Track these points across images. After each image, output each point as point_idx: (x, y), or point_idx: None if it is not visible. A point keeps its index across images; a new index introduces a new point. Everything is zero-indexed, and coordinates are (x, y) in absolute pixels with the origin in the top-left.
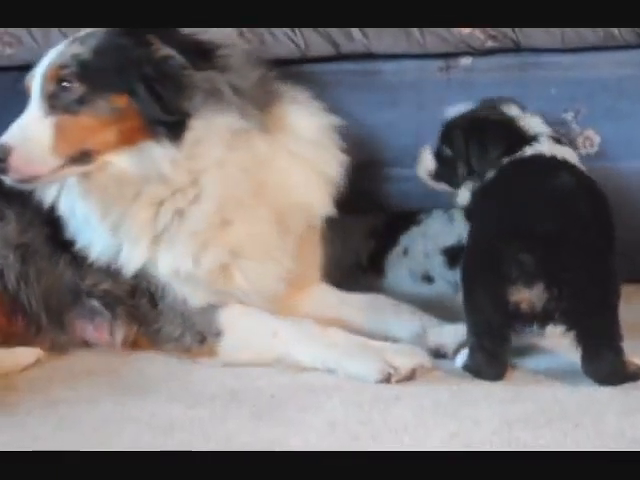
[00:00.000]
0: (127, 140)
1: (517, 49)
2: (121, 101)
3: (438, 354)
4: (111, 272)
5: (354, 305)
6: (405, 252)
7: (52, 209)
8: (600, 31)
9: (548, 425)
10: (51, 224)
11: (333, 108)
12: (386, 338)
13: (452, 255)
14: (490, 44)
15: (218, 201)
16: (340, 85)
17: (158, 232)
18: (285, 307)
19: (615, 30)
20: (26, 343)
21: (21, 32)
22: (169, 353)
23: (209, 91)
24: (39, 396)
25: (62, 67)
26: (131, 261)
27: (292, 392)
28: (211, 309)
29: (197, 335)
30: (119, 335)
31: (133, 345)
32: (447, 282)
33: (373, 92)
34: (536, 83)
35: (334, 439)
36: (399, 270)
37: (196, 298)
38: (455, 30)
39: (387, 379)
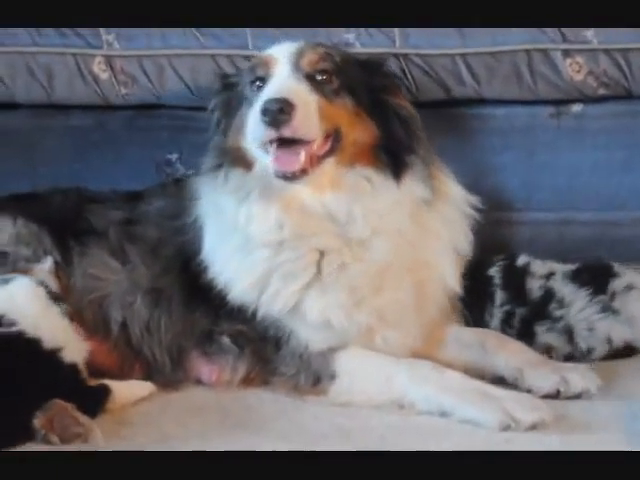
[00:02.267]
0: (356, 153)
1: (629, 96)
2: (363, 110)
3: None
4: (245, 314)
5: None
6: None
7: (191, 258)
8: None
9: None
10: (188, 271)
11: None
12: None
13: None
14: (602, 91)
15: (383, 266)
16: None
17: (313, 280)
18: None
19: None
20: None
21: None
22: (278, 391)
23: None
24: (152, 430)
25: (321, 59)
26: (275, 302)
27: (401, 433)
28: (329, 352)
29: (312, 376)
30: (240, 373)
31: (243, 382)
32: None
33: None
34: None
35: None
36: None
37: (319, 342)
38: (567, 77)
39: (506, 430)
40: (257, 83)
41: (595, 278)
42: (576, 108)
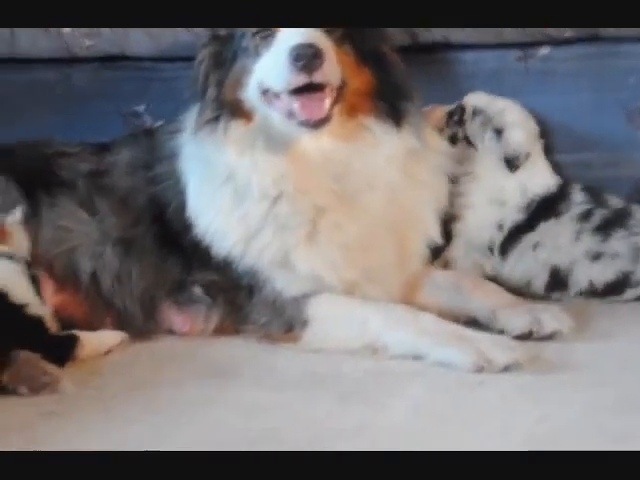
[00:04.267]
0: (357, 102)
1: (596, 38)
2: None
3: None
4: (221, 265)
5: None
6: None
7: (164, 209)
8: None
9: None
10: (161, 221)
11: None
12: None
13: None
14: (569, 34)
15: (374, 224)
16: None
17: (307, 235)
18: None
19: None
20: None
21: None
22: (250, 338)
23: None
24: (124, 379)
25: None
26: (264, 254)
27: (376, 377)
28: (302, 299)
29: (284, 323)
30: (213, 322)
31: (215, 331)
32: None
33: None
34: (614, 72)
35: (420, 422)
36: None
37: (293, 289)
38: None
39: (480, 371)
40: (261, 34)
41: None
42: (543, 51)
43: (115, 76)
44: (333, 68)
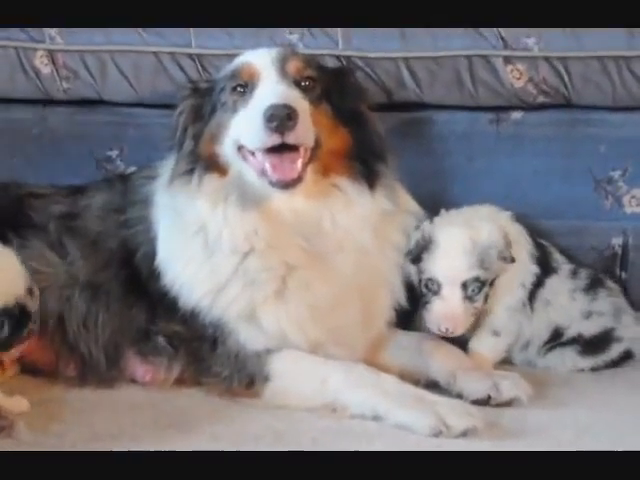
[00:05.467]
0: (331, 162)
1: (568, 105)
2: (339, 117)
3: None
4: (187, 316)
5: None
6: None
7: (133, 253)
8: None
9: None
10: (129, 266)
11: None
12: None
13: None
14: (542, 99)
15: (343, 286)
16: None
17: (276, 291)
18: None
19: None
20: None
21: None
22: (211, 392)
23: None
24: (84, 428)
25: (306, 65)
26: (231, 308)
27: (335, 436)
28: (265, 354)
29: (246, 377)
30: (175, 373)
31: (176, 382)
32: None
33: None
34: (585, 140)
35: None
36: None
37: (256, 343)
38: (507, 83)
39: (437, 436)
40: (239, 90)
41: None
42: (516, 115)
43: (90, 120)
44: (307, 129)
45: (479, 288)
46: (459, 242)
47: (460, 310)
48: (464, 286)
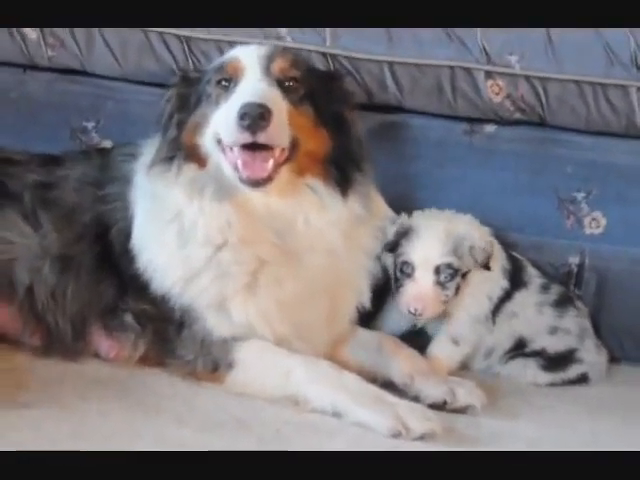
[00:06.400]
0: (308, 163)
1: (542, 124)
2: (321, 120)
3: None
4: (157, 299)
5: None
6: None
7: (108, 229)
8: (623, 119)
9: None
10: (102, 241)
11: None
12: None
13: None
14: (517, 116)
15: (312, 281)
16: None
17: (246, 285)
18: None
19: (638, 120)
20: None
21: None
22: (174, 374)
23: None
24: (52, 399)
25: (291, 66)
26: (201, 297)
27: (297, 429)
28: (231, 341)
29: (210, 363)
30: (140, 351)
31: (140, 360)
32: None
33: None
34: (554, 159)
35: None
36: None
37: (223, 330)
38: (486, 97)
39: (396, 436)
40: (223, 83)
41: None
42: (489, 128)
43: (70, 89)
44: (281, 130)
45: (451, 276)
46: (436, 230)
47: (431, 293)
48: (437, 271)
